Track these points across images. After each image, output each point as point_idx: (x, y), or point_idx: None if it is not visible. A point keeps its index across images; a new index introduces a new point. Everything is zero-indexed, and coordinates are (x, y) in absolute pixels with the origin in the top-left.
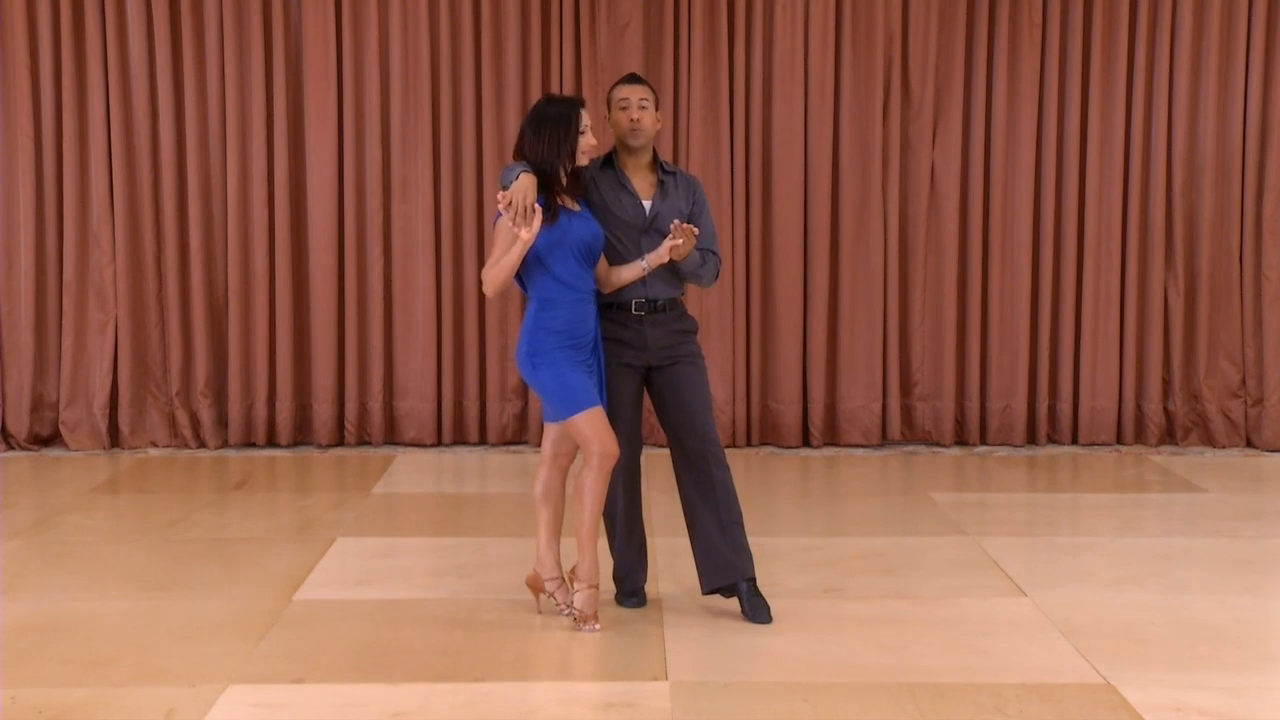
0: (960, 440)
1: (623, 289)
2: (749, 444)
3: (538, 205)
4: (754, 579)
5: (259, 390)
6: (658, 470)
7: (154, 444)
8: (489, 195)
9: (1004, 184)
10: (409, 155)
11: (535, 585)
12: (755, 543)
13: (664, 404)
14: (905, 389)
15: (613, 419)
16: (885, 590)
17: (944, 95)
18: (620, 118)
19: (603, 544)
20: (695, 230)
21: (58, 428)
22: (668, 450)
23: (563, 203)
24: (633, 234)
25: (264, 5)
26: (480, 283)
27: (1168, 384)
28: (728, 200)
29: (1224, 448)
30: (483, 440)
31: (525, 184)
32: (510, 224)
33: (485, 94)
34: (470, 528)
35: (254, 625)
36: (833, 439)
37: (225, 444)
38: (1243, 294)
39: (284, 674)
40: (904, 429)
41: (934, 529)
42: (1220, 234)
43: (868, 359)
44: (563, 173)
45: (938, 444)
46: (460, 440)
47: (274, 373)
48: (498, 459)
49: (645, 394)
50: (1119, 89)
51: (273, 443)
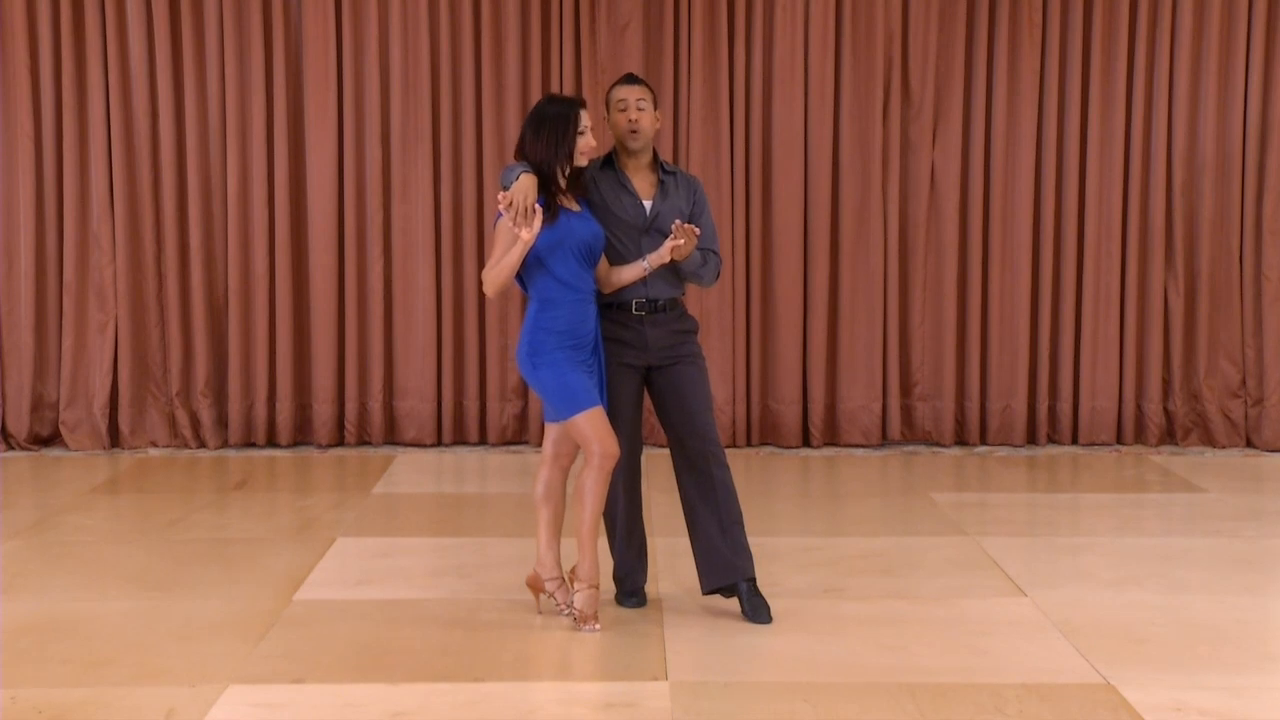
0: (960, 440)
1: (623, 289)
2: (749, 444)
3: (538, 205)
4: (754, 579)
5: (259, 390)
6: (658, 470)
7: (154, 444)
8: (489, 195)
9: (1004, 184)
10: (409, 155)
11: (535, 585)
12: (755, 543)
13: (664, 404)
14: (905, 389)
15: (613, 419)
16: (885, 590)
17: (944, 95)
18: (619, 119)
19: (603, 544)
20: (697, 230)
21: (58, 428)
22: (668, 450)
23: (563, 203)
24: (633, 234)
25: (264, 5)
26: (480, 283)
27: (1168, 384)
28: (728, 200)
29: (1224, 448)
30: (483, 440)
31: (525, 184)
32: (511, 224)
33: (485, 94)
34: (470, 528)
35: (254, 625)
36: (833, 439)
37: (225, 444)
38: (1243, 294)
39: (284, 674)
40: (904, 429)
41: (934, 529)
42: (1220, 234)
43: (868, 359)
44: (560, 173)
45: (938, 444)
46: (460, 440)
47: (274, 373)
48: (498, 459)
49: (646, 394)
50: (1119, 89)
51: (273, 443)
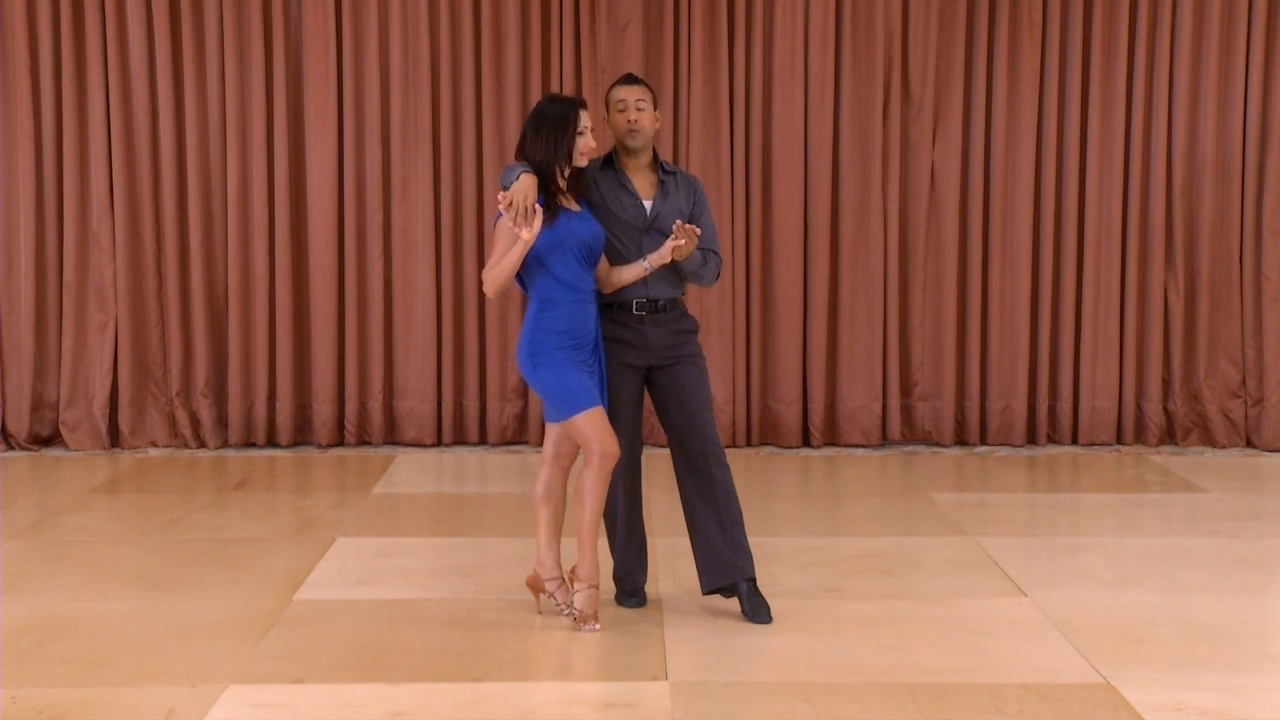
0: (960, 440)
1: (624, 289)
2: (749, 444)
3: (538, 205)
4: (754, 579)
5: (259, 390)
6: (658, 470)
7: (154, 444)
8: (489, 195)
9: (1004, 184)
10: (409, 155)
11: (535, 585)
12: (755, 543)
13: (665, 404)
14: (905, 389)
15: (613, 419)
16: (885, 590)
17: (944, 95)
18: (618, 119)
19: (603, 544)
20: (698, 230)
21: (58, 428)
22: (668, 450)
23: (563, 203)
24: (634, 234)
25: (264, 5)
26: (481, 283)
27: (1168, 384)
28: (728, 200)
29: (1224, 448)
30: (483, 440)
31: (526, 184)
32: (511, 224)
33: (485, 94)
34: (470, 528)
35: (254, 625)
36: (833, 439)
37: (225, 444)
38: (1243, 294)
39: (284, 674)
40: (904, 429)
41: (934, 529)
42: (1220, 234)
43: (868, 359)
44: (560, 173)
45: (938, 444)
46: (460, 440)
47: (274, 373)
48: (498, 459)
49: (646, 394)
50: (1119, 89)
51: (273, 443)
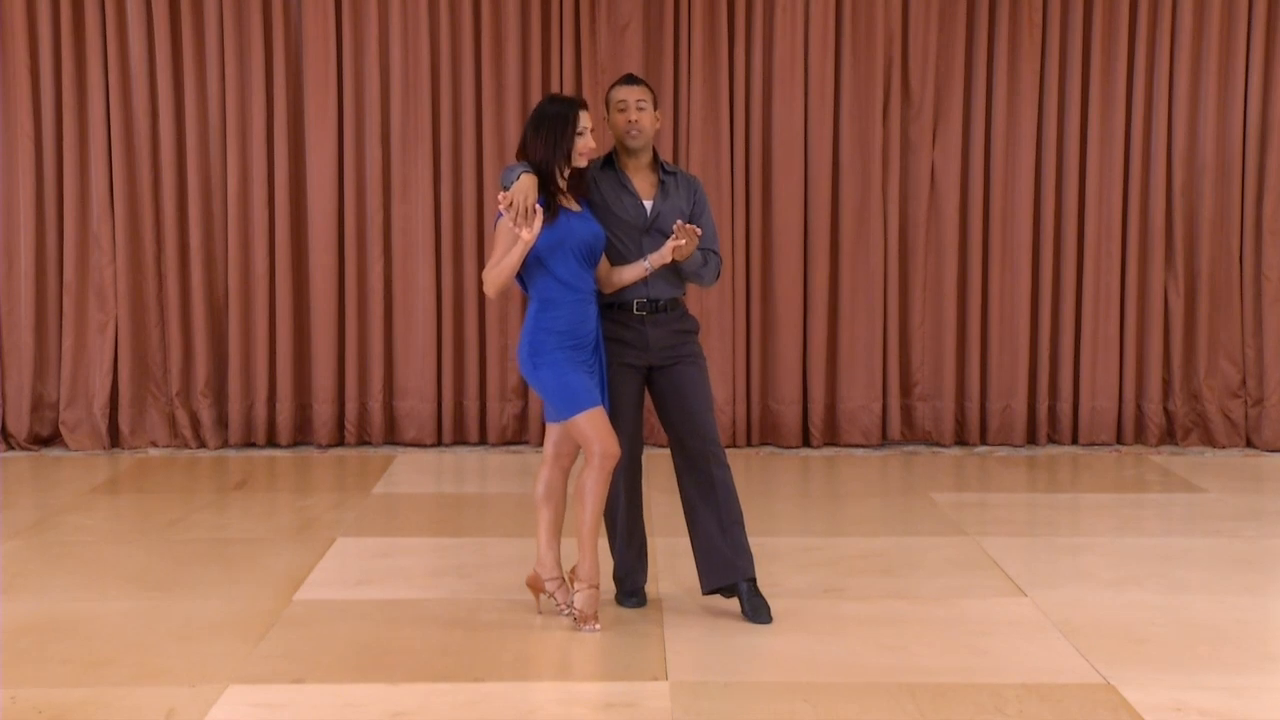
0: (960, 440)
1: (624, 289)
2: (749, 444)
3: (538, 206)
4: (754, 579)
5: (259, 390)
6: (658, 470)
7: (154, 444)
8: (489, 195)
9: (1004, 184)
10: (409, 155)
11: (535, 585)
12: (755, 543)
13: (665, 404)
14: (905, 389)
15: (614, 419)
16: (885, 590)
17: (944, 95)
18: (618, 119)
19: (603, 544)
20: (698, 230)
21: (58, 428)
22: (668, 450)
23: (563, 203)
24: (634, 234)
25: (264, 5)
26: (481, 283)
27: (1168, 384)
28: (728, 200)
29: (1224, 448)
30: (483, 440)
31: (526, 184)
32: (511, 224)
33: (485, 94)
34: (470, 528)
35: (254, 625)
36: (833, 439)
37: (225, 444)
38: (1243, 294)
39: (284, 674)
40: (904, 429)
41: (934, 529)
42: (1220, 234)
43: (868, 359)
44: (559, 173)
45: (938, 444)
46: (460, 440)
47: (274, 373)
48: (498, 459)
49: (646, 394)
50: (1119, 89)
51: (273, 443)
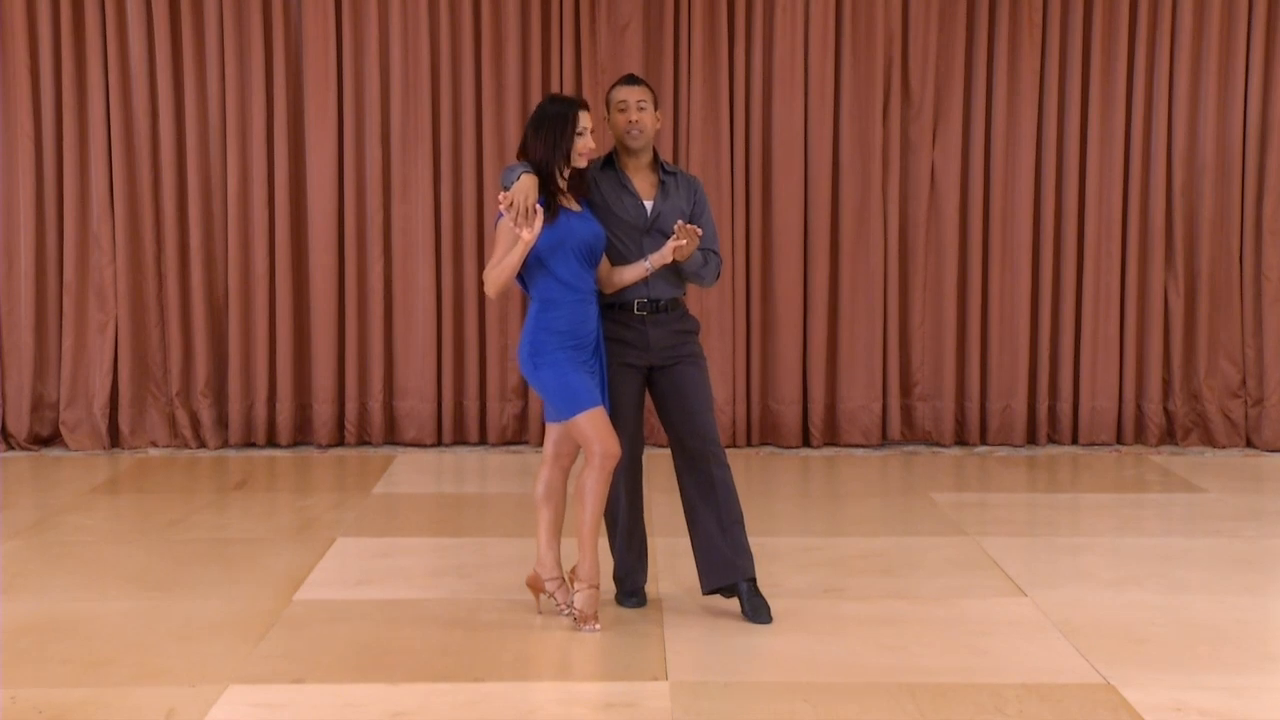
0: (960, 440)
1: (625, 289)
2: (749, 444)
3: (539, 206)
4: (754, 579)
5: (259, 390)
6: (658, 470)
7: (154, 444)
8: (489, 195)
9: (1004, 184)
10: (409, 155)
11: (535, 585)
12: (755, 543)
13: (665, 404)
14: (905, 389)
15: (614, 419)
16: (885, 590)
17: (944, 95)
18: (619, 119)
19: (603, 544)
20: (699, 230)
21: (58, 428)
22: (668, 450)
23: (564, 203)
24: (634, 234)
25: (264, 5)
26: (481, 283)
27: (1168, 384)
28: (728, 200)
29: (1224, 448)
30: (483, 440)
31: (526, 184)
32: (512, 224)
33: (485, 94)
34: (470, 528)
35: (254, 625)
36: (833, 439)
37: (225, 444)
38: (1243, 294)
39: (284, 674)
40: (904, 429)
41: (934, 529)
42: (1220, 234)
43: (868, 359)
44: (559, 173)
45: (938, 444)
46: (460, 440)
47: (274, 373)
48: (498, 459)
49: (647, 394)
50: (1119, 89)
51: (273, 443)
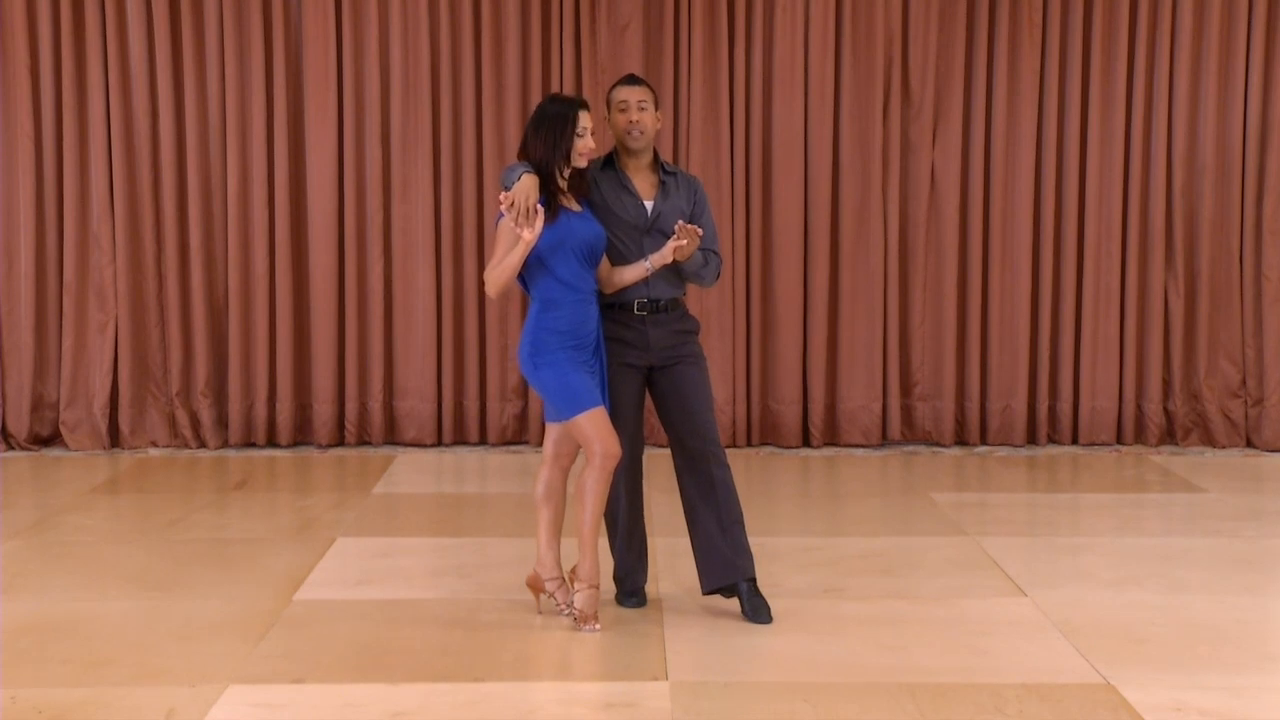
0: (960, 440)
1: (625, 289)
2: (749, 444)
3: (539, 206)
4: (754, 579)
5: (259, 390)
6: (658, 470)
7: (154, 444)
8: (489, 195)
9: (1004, 184)
10: (409, 155)
11: (535, 585)
12: (755, 543)
13: (665, 404)
14: (905, 389)
15: (614, 419)
16: (885, 590)
17: (944, 95)
18: (619, 119)
19: (603, 544)
20: (699, 230)
21: (58, 428)
22: (668, 450)
23: (564, 203)
24: (635, 234)
25: (264, 5)
26: (482, 283)
27: (1168, 384)
28: (728, 200)
29: (1224, 448)
30: (483, 440)
31: (527, 184)
32: (512, 225)
33: (485, 94)
34: (470, 528)
35: (254, 625)
36: (833, 439)
37: (225, 444)
38: (1243, 294)
39: (284, 674)
40: (904, 429)
41: (934, 529)
42: (1220, 235)
43: (868, 359)
44: (559, 173)
45: (938, 444)
46: (460, 440)
47: (274, 373)
48: (498, 459)
49: (647, 394)
50: (1119, 90)
51: (273, 443)
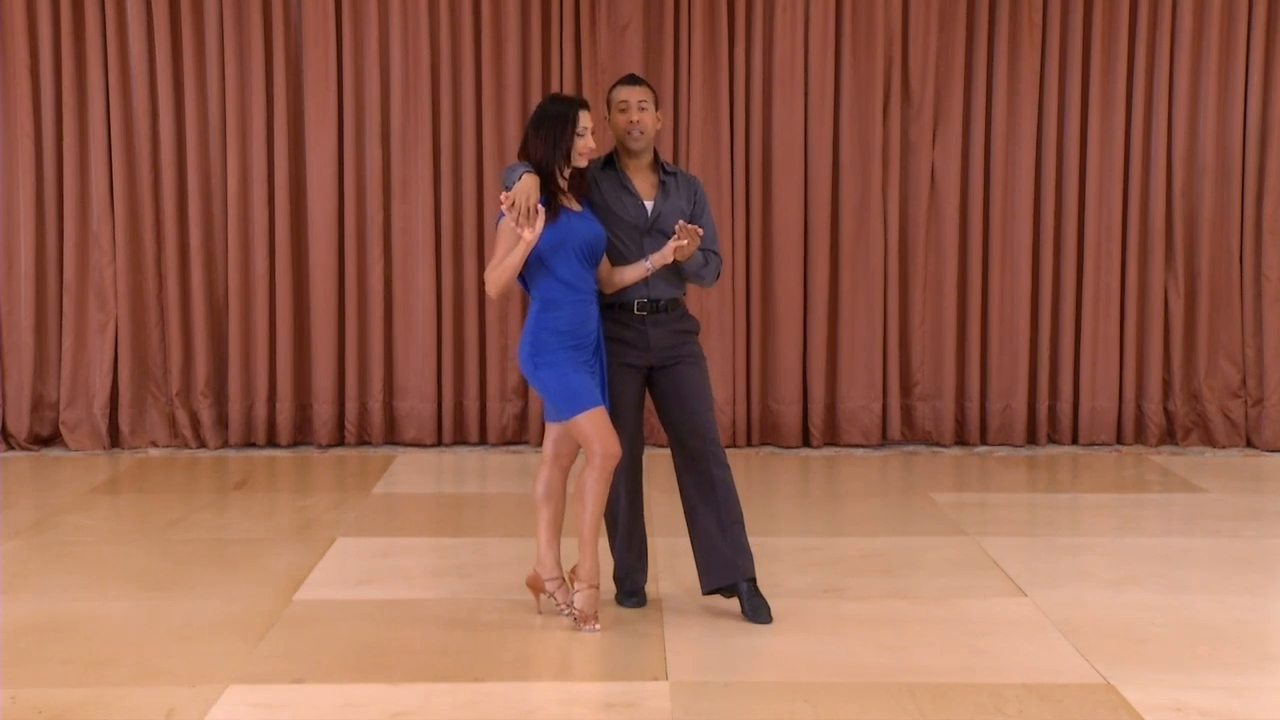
0: (960, 440)
1: (625, 289)
2: (749, 444)
3: (540, 206)
4: (754, 579)
5: (259, 390)
6: (658, 470)
7: (154, 444)
8: (489, 195)
9: (1004, 184)
10: (409, 155)
11: (535, 585)
12: (755, 543)
13: (665, 404)
14: (905, 389)
15: (614, 419)
16: (885, 590)
17: (944, 95)
18: (619, 119)
19: (603, 544)
20: (700, 231)
21: (58, 428)
22: (668, 450)
23: (564, 203)
24: (635, 235)
25: (264, 5)
26: (482, 283)
27: (1168, 384)
28: (728, 200)
29: (1224, 448)
30: (483, 440)
31: (528, 184)
32: (513, 225)
33: (485, 94)
34: (470, 528)
35: (254, 625)
36: (833, 439)
37: (225, 444)
38: (1243, 294)
39: (284, 674)
40: (904, 429)
41: (934, 529)
42: (1220, 235)
43: (868, 359)
44: (559, 173)
45: (938, 444)
46: (460, 440)
47: (274, 373)
48: (498, 459)
49: (647, 394)
50: (1119, 90)
51: (273, 443)
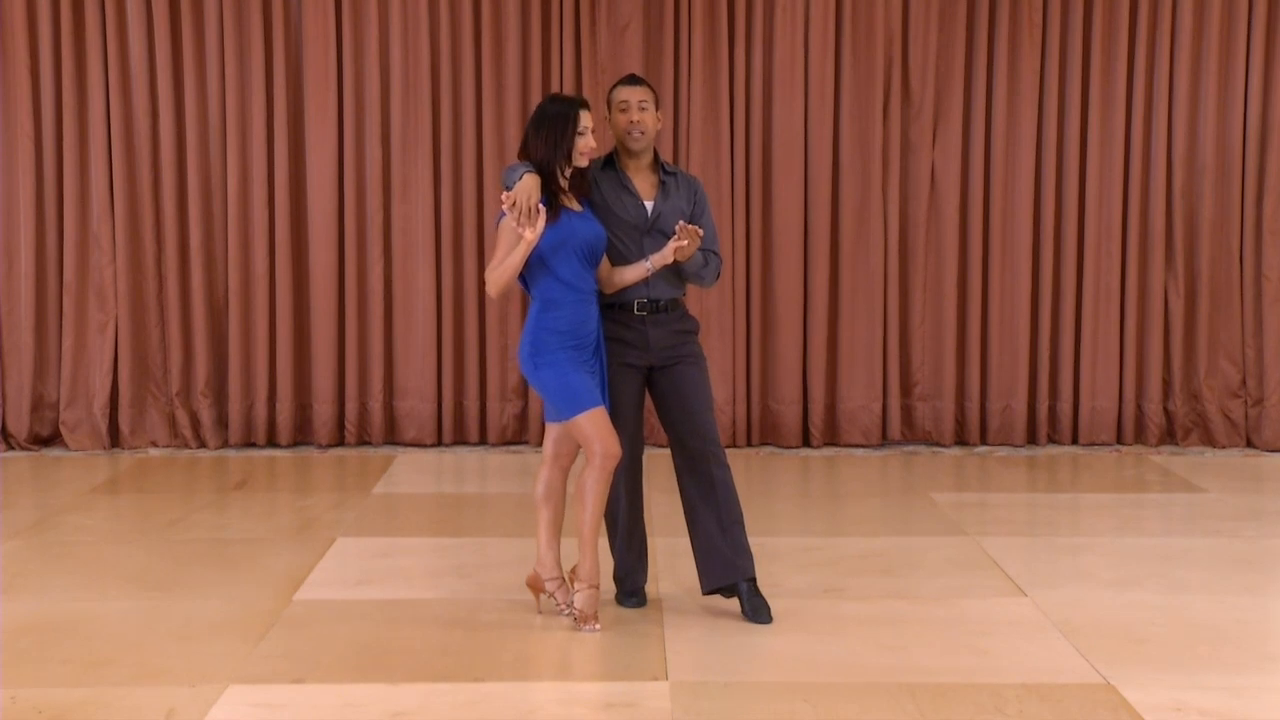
0: (960, 440)
1: (625, 289)
2: (749, 444)
3: (541, 205)
4: (754, 579)
5: (259, 390)
6: (658, 470)
7: (154, 444)
8: (489, 195)
9: (1004, 185)
10: (409, 155)
11: (535, 585)
12: (755, 543)
13: (665, 404)
14: (905, 389)
15: (614, 419)
16: (885, 590)
17: (944, 95)
18: (620, 119)
19: (603, 544)
20: (700, 231)
21: (58, 428)
22: (668, 450)
23: (565, 203)
24: (635, 235)
25: (264, 5)
26: (482, 283)
27: (1168, 384)
28: (728, 200)
29: (1224, 448)
30: (483, 440)
31: (529, 184)
32: (514, 224)
33: (485, 94)
34: (470, 528)
35: (254, 625)
36: (833, 439)
37: (225, 444)
38: (1243, 294)
39: (284, 674)
40: (904, 429)
41: (934, 529)
42: (1220, 235)
43: (868, 359)
44: (560, 173)
45: (938, 444)
46: (460, 440)
47: (274, 373)
48: (498, 459)
49: (647, 394)
50: (1119, 90)
51: (273, 443)
